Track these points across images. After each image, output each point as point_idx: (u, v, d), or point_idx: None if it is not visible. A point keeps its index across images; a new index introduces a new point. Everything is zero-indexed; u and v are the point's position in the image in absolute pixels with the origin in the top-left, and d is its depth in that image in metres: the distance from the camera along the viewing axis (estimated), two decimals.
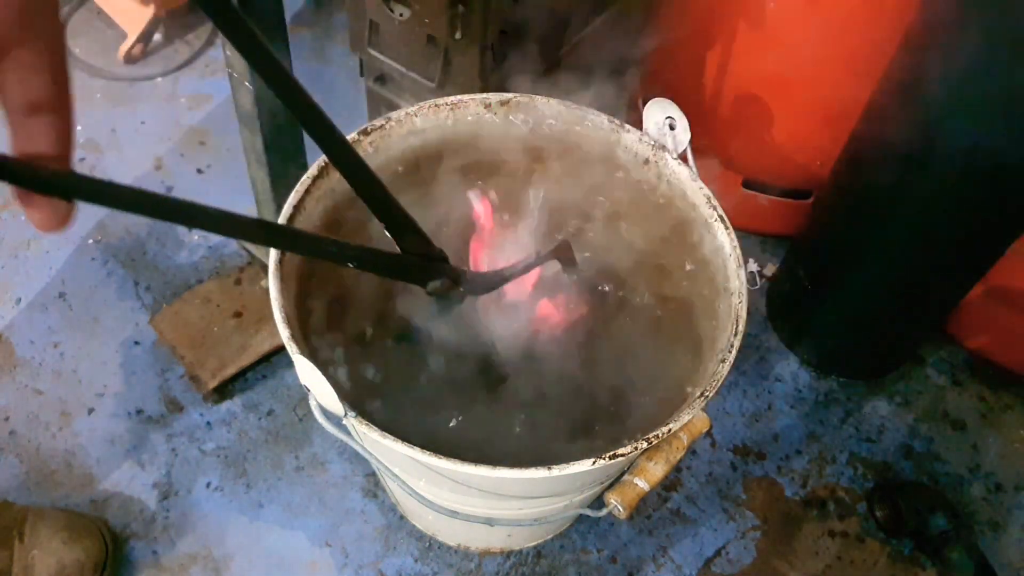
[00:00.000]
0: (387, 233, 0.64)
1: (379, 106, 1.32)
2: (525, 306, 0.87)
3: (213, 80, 1.74)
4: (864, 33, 1.14)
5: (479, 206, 0.89)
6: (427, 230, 0.68)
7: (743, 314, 0.77)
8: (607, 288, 0.97)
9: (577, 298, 0.90)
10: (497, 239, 0.88)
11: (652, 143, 0.91)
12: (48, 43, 0.33)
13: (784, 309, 1.43)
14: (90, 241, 1.44)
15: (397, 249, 0.66)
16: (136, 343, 1.32)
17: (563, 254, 0.85)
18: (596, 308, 0.93)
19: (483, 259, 0.86)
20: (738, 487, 1.26)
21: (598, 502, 0.82)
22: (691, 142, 0.88)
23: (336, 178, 0.85)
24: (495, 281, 0.77)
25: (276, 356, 1.30)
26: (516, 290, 0.86)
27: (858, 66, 1.15)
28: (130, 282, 1.40)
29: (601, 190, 0.96)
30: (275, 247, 0.62)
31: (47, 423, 1.23)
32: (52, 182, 0.36)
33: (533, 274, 0.85)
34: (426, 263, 0.66)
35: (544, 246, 0.86)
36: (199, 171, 1.57)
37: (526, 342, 0.87)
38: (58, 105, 0.35)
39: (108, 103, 1.68)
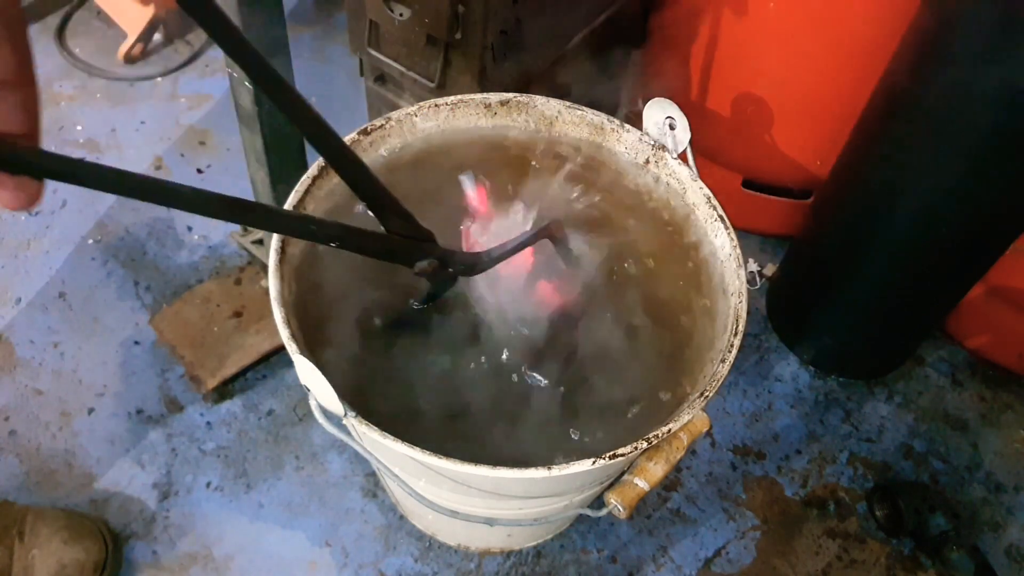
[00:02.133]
0: (370, 214, 0.62)
1: (379, 106, 1.32)
2: (521, 290, 0.84)
3: (213, 80, 1.74)
4: (864, 33, 1.14)
5: (471, 191, 0.86)
6: (426, 232, 0.67)
7: (743, 314, 0.77)
8: (605, 288, 0.97)
9: (572, 280, 0.86)
10: (492, 224, 0.85)
11: (652, 143, 0.91)
12: (6, 18, 0.32)
13: (784, 309, 1.43)
14: (90, 241, 1.44)
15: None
16: (136, 343, 1.32)
17: (554, 233, 0.81)
18: (594, 304, 0.92)
19: (477, 245, 0.84)
20: (738, 487, 1.26)
21: (598, 502, 0.82)
22: (691, 142, 0.88)
23: (336, 180, 0.85)
24: (484, 262, 0.74)
25: (276, 356, 1.30)
26: (511, 274, 0.84)
27: (858, 66, 1.15)
28: (130, 282, 1.40)
29: (601, 190, 0.96)
30: (248, 225, 0.57)
31: (47, 423, 1.23)
32: (20, 160, 0.35)
33: (527, 257, 0.82)
34: (413, 243, 0.65)
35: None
36: (199, 171, 1.57)
37: (525, 327, 0.85)
38: (22, 81, 0.34)
39: (108, 103, 1.68)
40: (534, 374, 0.86)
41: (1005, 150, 0.95)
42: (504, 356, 0.86)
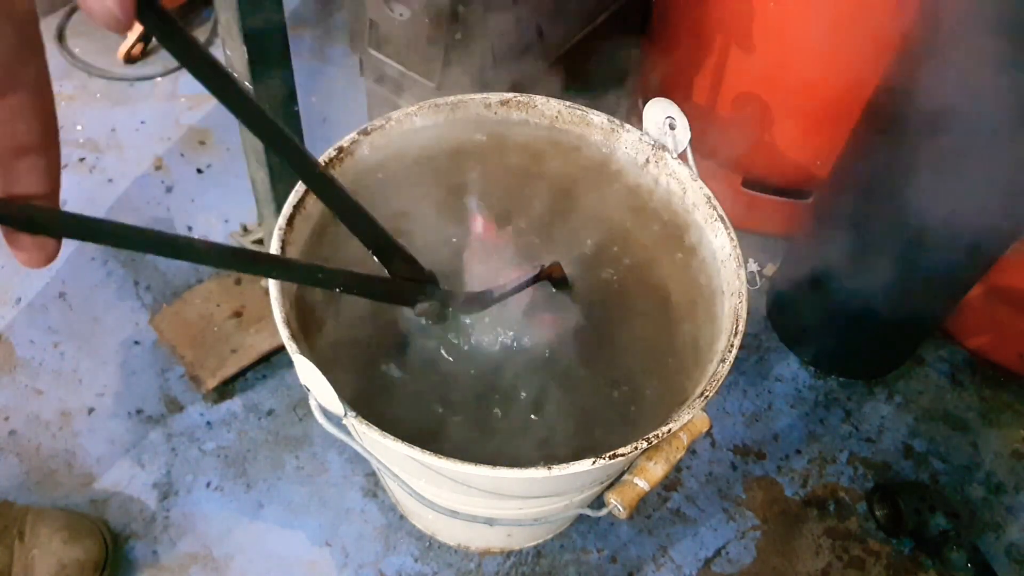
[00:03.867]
0: (375, 259, 0.64)
1: (379, 106, 1.32)
2: (519, 324, 0.86)
3: None
4: (864, 32, 1.14)
5: (475, 219, 0.89)
6: (424, 231, 0.67)
7: (743, 314, 0.77)
8: (605, 288, 0.97)
9: (571, 315, 0.90)
10: (493, 254, 0.88)
11: (652, 143, 0.91)
12: (35, 89, 0.33)
13: (784, 309, 1.43)
14: None
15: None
16: (136, 343, 1.32)
17: (554, 274, 0.85)
18: (595, 310, 0.92)
19: (477, 273, 0.86)
20: (738, 487, 1.26)
21: (598, 502, 0.82)
22: (691, 142, 0.88)
23: None
24: (484, 301, 0.77)
25: (276, 356, 1.30)
26: (510, 308, 0.86)
27: (858, 65, 1.15)
28: (130, 282, 1.40)
29: (601, 190, 0.96)
30: (260, 275, 0.56)
31: (47, 423, 1.23)
32: (40, 221, 0.36)
33: (525, 294, 0.84)
34: (416, 286, 0.67)
35: (542, 253, 0.85)
36: (199, 171, 1.57)
37: (521, 354, 0.86)
38: (45, 145, 0.35)
39: (108, 103, 1.68)
40: (534, 375, 0.86)
41: (1006, 150, 0.95)
42: (504, 355, 0.86)
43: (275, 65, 0.97)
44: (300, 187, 0.82)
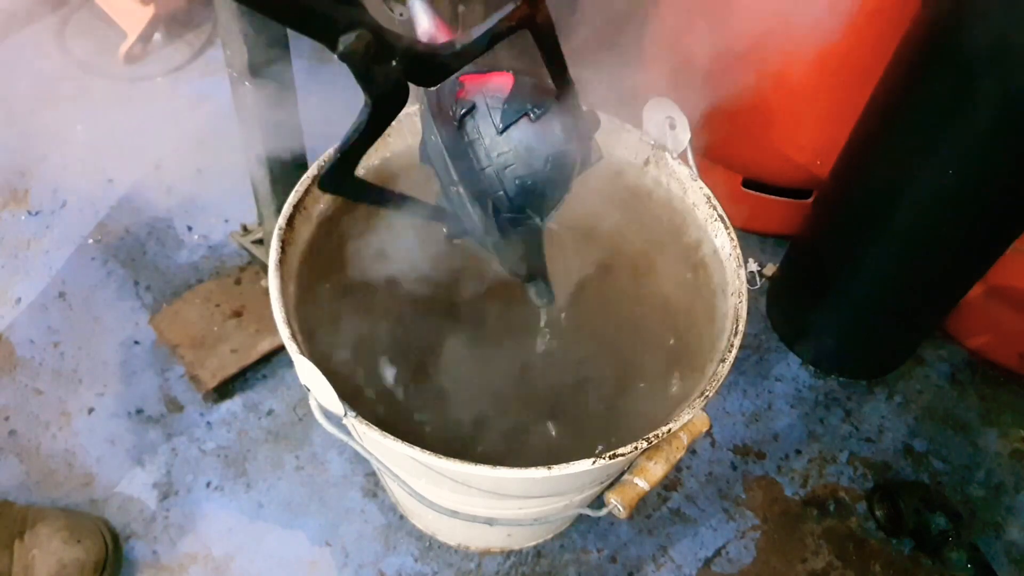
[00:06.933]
0: None
1: None
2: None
3: (213, 80, 1.74)
4: (865, 32, 1.14)
5: (424, 16, 0.64)
6: (421, 231, 0.64)
7: (743, 314, 0.77)
8: (606, 287, 0.97)
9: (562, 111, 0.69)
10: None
11: (652, 143, 0.91)
12: None
13: (784, 309, 1.43)
14: (90, 241, 1.44)
15: None
16: (136, 343, 1.32)
17: (534, 16, 0.59)
18: (594, 304, 0.92)
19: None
20: (738, 487, 1.26)
21: (598, 501, 0.82)
22: (691, 142, 0.88)
23: None
24: (443, 56, 0.57)
25: (276, 356, 1.30)
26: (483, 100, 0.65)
27: (859, 65, 1.15)
28: (130, 282, 1.40)
29: (600, 190, 0.96)
30: None
31: (47, 423, 1.23)
32: None
33: (502, 81, 0.66)
34: (331, 7, 0.48)
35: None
36: (199, 171, 1.57)
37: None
38: None
39: (108, 103, 1.68)
40: (531, 378, 0.86)
41: (1005, 150, 0.95)
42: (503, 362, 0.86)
43: (275, 65, 0.97)
44: (300, 187, 0.82)
